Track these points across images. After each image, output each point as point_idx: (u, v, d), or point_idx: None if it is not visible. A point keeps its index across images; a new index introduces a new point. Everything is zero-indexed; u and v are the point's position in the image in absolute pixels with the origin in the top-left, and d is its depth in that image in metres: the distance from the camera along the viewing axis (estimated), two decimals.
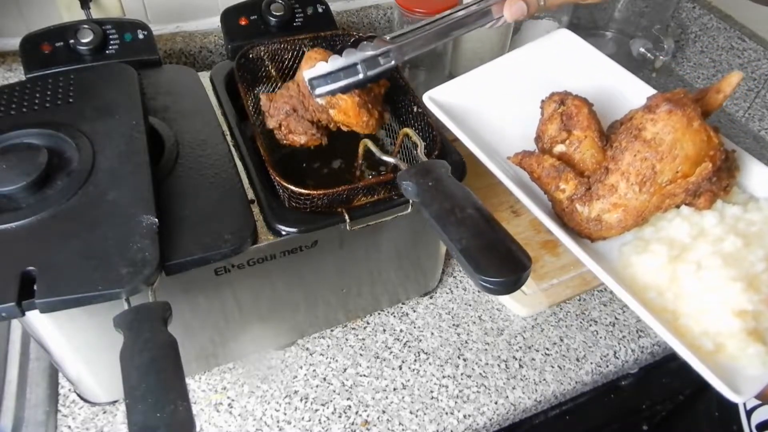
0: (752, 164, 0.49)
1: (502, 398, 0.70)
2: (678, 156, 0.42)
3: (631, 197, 0.43)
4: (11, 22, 0.82)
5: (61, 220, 0.48)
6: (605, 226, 0.45)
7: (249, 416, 0.66)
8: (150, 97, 0.65)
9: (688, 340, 0.40)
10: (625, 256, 0.46)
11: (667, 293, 0.43)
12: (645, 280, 0.44)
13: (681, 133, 0.42)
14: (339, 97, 0.56)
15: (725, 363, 0.39)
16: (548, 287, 0.80)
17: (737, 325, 0.39)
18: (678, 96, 0.44)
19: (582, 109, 0.48)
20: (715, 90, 0.47)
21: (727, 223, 0.44)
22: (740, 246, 0.42)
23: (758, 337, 0.39)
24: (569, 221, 0.46)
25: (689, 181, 0.43)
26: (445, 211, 0.45)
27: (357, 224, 0.58)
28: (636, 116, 0.45)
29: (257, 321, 0.66)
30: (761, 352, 0.39)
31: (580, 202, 0.45)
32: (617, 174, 0.44)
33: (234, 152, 0.62)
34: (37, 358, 0.69)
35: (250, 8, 0.78)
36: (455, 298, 0.80)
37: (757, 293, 0.40)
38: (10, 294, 0.43)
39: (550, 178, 0.47)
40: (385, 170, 0.70)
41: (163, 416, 0.37)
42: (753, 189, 0.48)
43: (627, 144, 0.44)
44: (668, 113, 0.43)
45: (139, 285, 0.45)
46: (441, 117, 0.53)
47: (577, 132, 0.47)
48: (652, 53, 1.14)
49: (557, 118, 0.49)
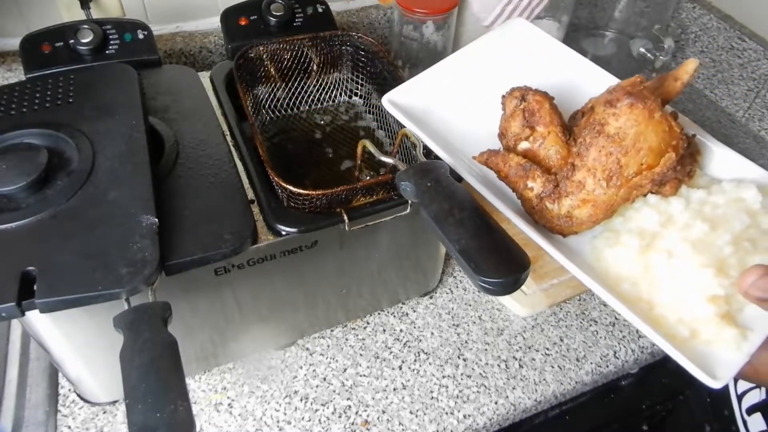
0: (713, 146, 0.49)
1: (502, 398, 0.70)
2: (642, 149, 0.43)
3: (599, 192, 0.44)
4: (11, 22, 0.82)
5: (61, 220, 0.48)
6: (576, 221, 0.45)
7: (249, 416, 0.67)
8: (150, 97, 0.65)
9: (665, 328, 0.41)
10: (597, 249, 0.46)
11: (641, 283, 0.43)
12: (618, 272, 0.44)
13: (644, 125, 0.43)
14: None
15: (701, 349, 0.40)
16: (548, 287, 0.80)
17: (711, 310, 0.40)
18: (637, 87, 0.44)
19: (543, 104, 0.48)
20: (672, 78, 0.47)
21: (693, 208, 0.45)
22: (707, 231, 0.43)
23: (731, 321, 0.40)
24: (540, 219, 0.46)
25: (654, 172, 0.43)
26: (443, 212, 0.45)
27: (356, 224, 0.58)
28: (598, 111, 0.45)
29: (257, 321, 0.66)
30: (735, 335, 0.39)
31: (549, 200, 0.45)
32: (584, 170, 0.44)
33: (234, 152, 0.62)
34: (37, 358, 0.69)
35: (250, 8, 0.78)
36: (455, 298, 0.80)
37: (727, 278, 0.41)
38: (10, 294, 0.43)
39: (518, 177, 0.47)
40: (384, 170, 0.70)
41: (163, 416, 0.37)
42: (714, 171, 0.49)
43: (591, 140, 0.44)
44: (630, 107, 0.43)
45: (139, 285, 0.45)
46: (402, 119, 0.52)
47: (540, 128, 0.48)
48: (652, 53, 1.14)
49: (519, 114, 0.49)
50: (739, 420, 0.64)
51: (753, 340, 0.39)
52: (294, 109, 0.78)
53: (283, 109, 0.77)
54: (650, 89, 0.45)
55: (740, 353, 0.39)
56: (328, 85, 0.78)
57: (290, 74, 0.75)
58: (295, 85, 0.76)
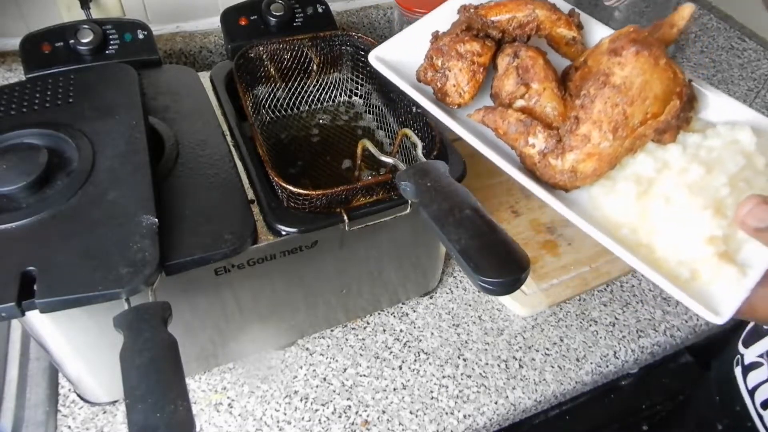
0: (706, 92, 0.49)
1: (502, 398, 0.70)
2: (648, 97, 0.42)
3: (605, 145, 0.43)
4: (11, 22, 0.82)
5: (61, 220, 0.48)
6: (580, 176, 0.44)
7: (249, 416, 0.67)
8: (150, 97, 0.65)
9: (666, 271, 0.41)
10: (594, 198, 0.46)
11: (640, 229, 0.43)
12: (617, 219, 0.44)
13: (649, 74, 0.42)
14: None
15: (702, 288, 0.40)
16: (548, 287, 0.80)
17: (709, 251, 0.40)
18: (642, 34, 0.43)
19: (537, 60, 0.47)
20: (668, 25, 0.46)
21: (689, 152, 0.45)
22: (703, 173, 0.43)
23: (729, 259, 0.41)
24: (542, 175, 0.45)
25: (659, 121, 0.43)
26: (443, 212, 0.45)
27: (356, 224, 0.58)
28: (602, 61, 0.44)
29: (257, 321, 0.66)
30: (734, 272, 0.40)
31: (552, 156, 0.44)
32: (589, 123, 0.43)
33: (234, 152, 0.62)
34: (37, 358, 0.69)
35: (250, 8, 0.78)
36: (455, 298, 0.80)
37: (724, 218, 0.41)
38: (10, 294, 0.43)
39: (518, 133, 0.45)
40: (384, 170, 0.70)
41: (163, 416, 0.37)
42: (709, 116, 0.49)
43: (596, 91, 0.43)
44: (635, 55, 0.42)
45: (139, 285, 0.45)
46: (390, 76, 0.50)
47: (535, 85, 0.46)
48: None
49: (512, 72, 0.47)
50: (754, 415, 0.64)
51: (752, 276, 0.40)
52: (294, 109, 0.78)
53: (283, 109, 0.77)
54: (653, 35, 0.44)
55: (740, 290, 0.39)
56: (328, 85, 0.78)
57: (290, 74, 0.75)
58: (295, 85, 0.76)
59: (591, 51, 0.47)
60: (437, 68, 0.49)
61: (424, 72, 0.50)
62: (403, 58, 0.51)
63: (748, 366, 0.66)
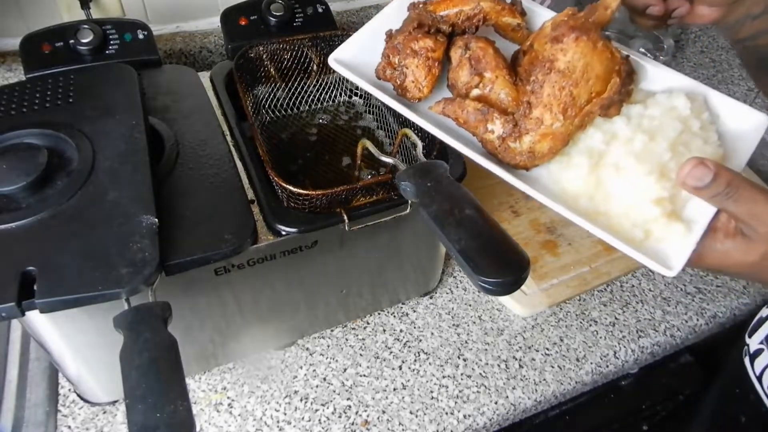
0: (644, 63, 0.53)
1: (502, 398, 0.70)
2: (590, 78, 0.46)
3: (557, 126, 0.47)
4: (11, 22, 0.82)
5: (61, 220, 0.48)
6: (538, 155, 0.48)
7: (249, 416, 0.67)
8: (150, 97, 0.65)
9: (622, 234, 0.45)
10: (553, 173, 0.49)
11: (596, 197, 0.47)
12: (575, 191, 0.48)
13: (589, 56, 0.46)
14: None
15: (655, 246, 0.44)
16: (548, 287, 0.80)
17: (657, 211, 0.44)
18: (579, 20, 0.47)
19: (487, 50, 0.50)
20: (603, 7, 0.49)
21: (633, 123, 0.49)
22: (647, 141, 0.47)
23: (677, 217, 0.45)
24: (504, 158, 0.49)
25: (603, 98, 0.47)
26: (443, 212, 0.45)
27: (356, 224, 0.58)
28: (546, 49, 0.47)
29: (257, 321, 0.66)
30: (681, 228, 0.44)
31: (510, 139, 0.48)
32: (540, 107, 0.47)
33: (234, 152, 0.62)
34: (37, 358, 0.69)
35: (250, 8, 0.78)
36: (455, 298, 0.80)
37: (668, 181, 0.45)
38: (10, 294, 0.43)
39: (477, 121, 0.49)
40: (384, 170, 0.70)
41: (163, 416, 0.37)
42: (649, 86, 0.53)
43: (543, 77, 0.47)
44: (575, 41, 0.46)
45: (139, 285, 0.45)
46: (350, 77, 0.52)
47: (488, 74, 0.49)
48: (652, 53, 1.14)
49: (465, 63, 0.50)
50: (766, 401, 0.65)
51: (697, 231, 0.44)
52: (294, 109, 0.78)
53: (284, 109, 0.77)
54: (588, 19, 0.48)
55: (688, 243, 0.43)
56: (328, 85, 0.78)
57: (290, 74, 0.75)
58: (295, 85, 0.76)
59: (536, 34, 0.50)
60: (395, 66, 0.51)
61: (383, 70, 0.52)
62: (361, 58, 0.53)
63: (753, 354, 0.67)
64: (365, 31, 0.55)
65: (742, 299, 0.83)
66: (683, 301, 0.82)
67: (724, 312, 0.82)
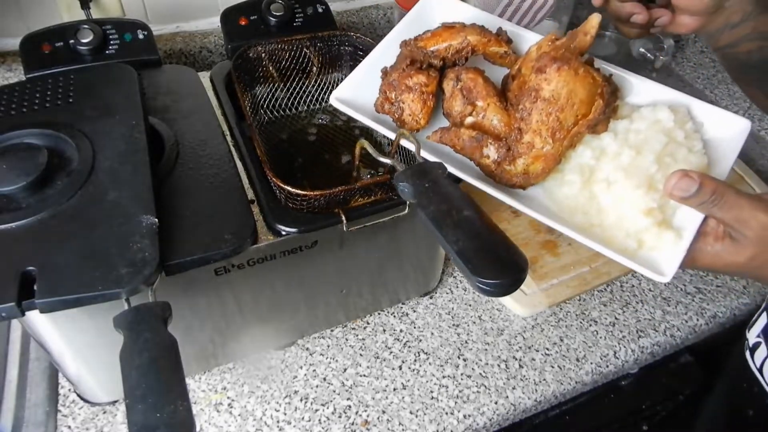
0: (629, 78, 0.56)
1: (502, 398, 0.70)
2: (575, 103, 0.49)
3: (547, 148, 0.50)
4: (11, 22, 0.82)
5: (61, 220, 0.48)
6: (533, 175, 0.51)
7: (249, 416, 0.67)
8: (150, 97, 0.65)
9: (617, 245, 0.47)
10: (548, 191, 0.52)
11: (591, 211, 0.50)
12: (570, 206, 0.51)
13: (572, 83, 0.49)
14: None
15: (648, 255, 0.47)
16: (548, 287, 0.80)
17: (649, 221, 0.47)
18: (559, 51, 0.50)
19: (477, 80, 0.53)
20: (582, 33, 0.53)
21: (620, 138, 0.51)
22: (634, 155, 0.50)
23: (667, 226, 0.47)
24: (500, 180, 0.52)
25: (589, 119, 0.50)
26: (441, 213, 0.45)
27: (354, 225, 0.58)
28: (531, 78, 0.50)
29: (257, 321, 0.66)
30: (672, 236, 0.46)
31: (506, 163, 0.51)
32: (530, 133, 0.50)
33: (234, 152, 0.62)
34: (37, 358, 0.69)
35: (250, 8, 0.78)
36: (455, 298, 0.80)
37: (656, 192, 0.48)
38: (10, 294, 0.43)
39: (473, 148, 0.52)
40: (382, 171, 0.70)
41: (163, 416, 0.37)
42: (634, 99, 0.56)
43: (530, 105, 0.50)
44: (557, 71, 0.49)
45: (139, 285, 0.45)
46: (353, 114, 0.55)
47: (479, 102, 0.53)
48: (652, 53, 1.14)
49: (458, 94, 0.54)
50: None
51: (687, 237, 0.46)
52: (293, 109, 0.78)
53: (283, 109, 0.77)
54: (568, 47, 0.51)
55: (679, 250, 0.46)
56: (327, 85, 0.78)
57: (289, 74, 0.75)
58: (294, 85, 0.76)
59: (523, 59, 0.54)
60: (392, 101, 0.55)
61: (381, 105, 0.56)
62: (360, 94, 0.57)
63: (752, 348, 0.68)
64: (361, 69, 0.59)
65: (742, 299, 0.83)
66: (683, 301, 0.82)
67: (724, 312, 0.82)
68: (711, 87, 1.18)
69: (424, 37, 0.57)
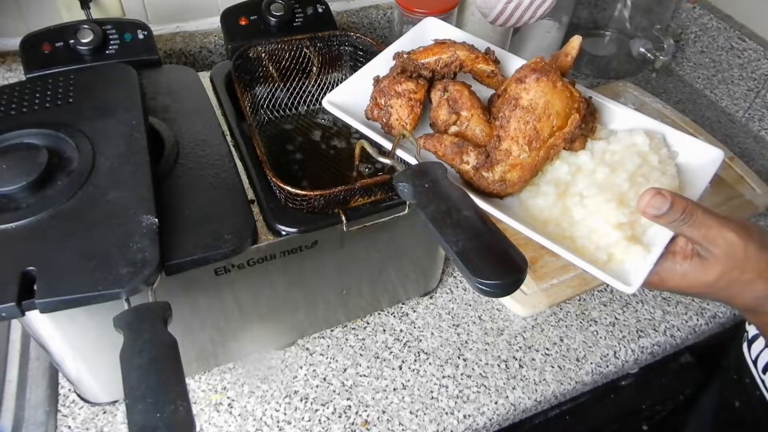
0: (608, 104, 0.58)
1: (502, 398, 0.70)
2: (551, 114, 0.51)
3: (524, 156, 0.51)
4: (11, 22, 0.82)
5: (61, 220, 0.48)
6: (509, 184, 0.52)
7: (249, 416, 0.67)
8: (150, 97, 0.65)
9: (588, 256, 0.49)
10: (523, 202, 0.54)
11: (563, 223, 0.51)
12: (543, 217, 0.52)
13: (550, 95, 0.51)
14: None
15: (617, 267, 0.48)
16: (548, 287, 0.80)
17: (619, 235, 0.49)
18: (540, 64, 0.52)
19: (463, 92, 0.55)
20: (564, 54, 0.55)
21: (596, 157, 0.54)
22: (609, 173, 0.52)
23: (637, 241, 0.49)
24: (479, 186, 0.53)
25: (565, 132, 0.51)
26: (441, 213, 0.45)
27: (354, 225, 0.58)
28: (511, 88, 0.52)
29: (257, 321, 0.66)
30: (640, 250, 0.48)
31: (484, 170, 0.52)
32: (508, 140, 0.51)
33: (234, 152, 0.62)
34: (37, 358, 0.69)
35: (250, 8, 0.78)
36: (455, 298, 0.80)
37: (627, 207, 0.50)
38: (10, 294, 0.43)
39: (454, 154, 0.53)
40: (382, 171, 0.70)
41: (163, 416, 0.37)
42: (612, 125, 0.58)
43: (510, 113, 0.51)
44: (536, 81, 0.51)
45: (139, 285, 0.45)
46: (343, 117, 0.57)
47: (464, 113, 0.55)
48: (652, 53, 1.14)
49: (444, 103, 0.56)
50: (759, 383, 0.66)
51: (655, 252, 0.47)
52: (293, 109, 0.78)
53: (283, 109, 0.77)
54: (551, 65, 0.53)
55: (646, 264, 0.47)
56: (327, 85, 0.78)
57: (289, 74, 0.75)
58: (294, 85, 0.76)
59: (509, 80, 0.55)
60: (381, 106, 0.57)
61: (371, 111, 0.58)
62: (352, 100, 0.59)
63: (751, 339, 0.69)
64: (356, 78, 0.61)
65: None
66: (683, 301, 0.82)
67: (724, 312, 0.82)
68: (711, 87, 1.18)
69: (417, 50, 0.60)
